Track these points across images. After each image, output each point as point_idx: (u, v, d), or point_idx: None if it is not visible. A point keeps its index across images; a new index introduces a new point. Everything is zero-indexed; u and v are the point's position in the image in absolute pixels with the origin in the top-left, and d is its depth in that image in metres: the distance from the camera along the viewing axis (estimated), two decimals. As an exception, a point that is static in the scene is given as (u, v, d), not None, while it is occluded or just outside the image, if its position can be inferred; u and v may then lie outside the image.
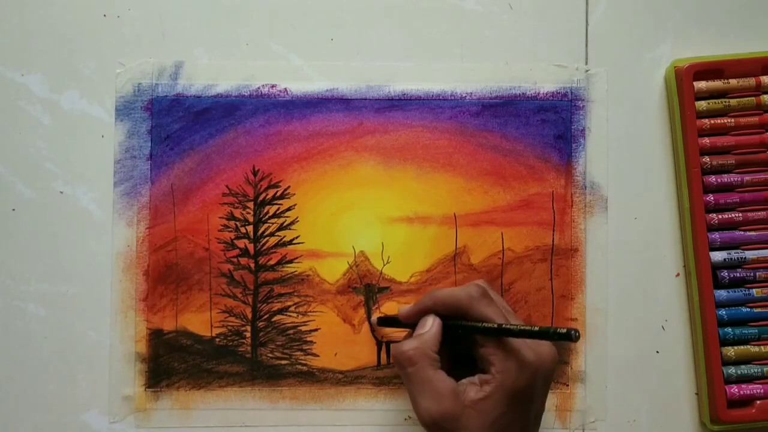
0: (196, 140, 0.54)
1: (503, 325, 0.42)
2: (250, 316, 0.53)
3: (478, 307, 0.44)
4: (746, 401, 0.51)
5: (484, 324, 0.43)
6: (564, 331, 0.40)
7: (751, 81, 0.53)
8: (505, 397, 0.42)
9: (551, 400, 0.53)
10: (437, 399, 0.42)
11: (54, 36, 0.54)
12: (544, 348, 0.43)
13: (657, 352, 0.53)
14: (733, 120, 0.52)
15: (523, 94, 0.54)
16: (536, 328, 0.41)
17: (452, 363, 0.46)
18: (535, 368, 0.42)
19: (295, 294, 0.53)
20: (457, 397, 0.42)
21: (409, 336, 0.47)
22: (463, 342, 0.45)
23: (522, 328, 0.42)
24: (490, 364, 0.42)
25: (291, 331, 0.53)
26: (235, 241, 0.53)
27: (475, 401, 0.42)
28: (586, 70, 0.54)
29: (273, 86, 0.54)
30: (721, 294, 0.52)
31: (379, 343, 0.53)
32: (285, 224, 0.54)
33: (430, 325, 0.45)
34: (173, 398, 0.53)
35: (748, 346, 0.52)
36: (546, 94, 0.54)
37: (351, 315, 0.53)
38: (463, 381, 0.43)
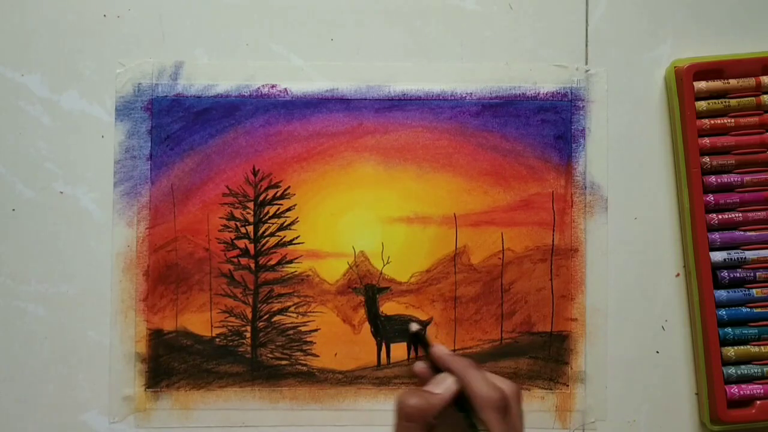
0: (196, 140, 0.54)
1: None
2: (250, 316, 0.53)
3: (488, 415, 0.42)
4: (746, 401, 0.51)
5: None
6: None
7: (751, 81, 0.53)
8: None
9: (551, 401, 0.53)
10: None
11: (54, 36, 0.54)
12: None
13: (657, 352, 0.53)
14: (733, 120, 0.52)
15: (523, 94, 0.54)
16: None
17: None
18: None
19: (295, 294, 0.53)
20: None
21: (417, 381, 0.46)
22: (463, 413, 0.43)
23: None
24: None
25: (291, 332, 0.53)
26: (235, 242, 0.53)
27: None
28: (586, 70, 0.54)
29: (273, 86, 0.54)
30: (721, 294, 0.52)
31: (379, 343, 0.53)
32: (285, 224, 0.54)
33: (444, 390, 0.43)
34: (173, 398, 0.53)
35: (748, 346, 0.52)
36: (546, 94, 0.54)
37: (351, 315, 0.53)
38: None
